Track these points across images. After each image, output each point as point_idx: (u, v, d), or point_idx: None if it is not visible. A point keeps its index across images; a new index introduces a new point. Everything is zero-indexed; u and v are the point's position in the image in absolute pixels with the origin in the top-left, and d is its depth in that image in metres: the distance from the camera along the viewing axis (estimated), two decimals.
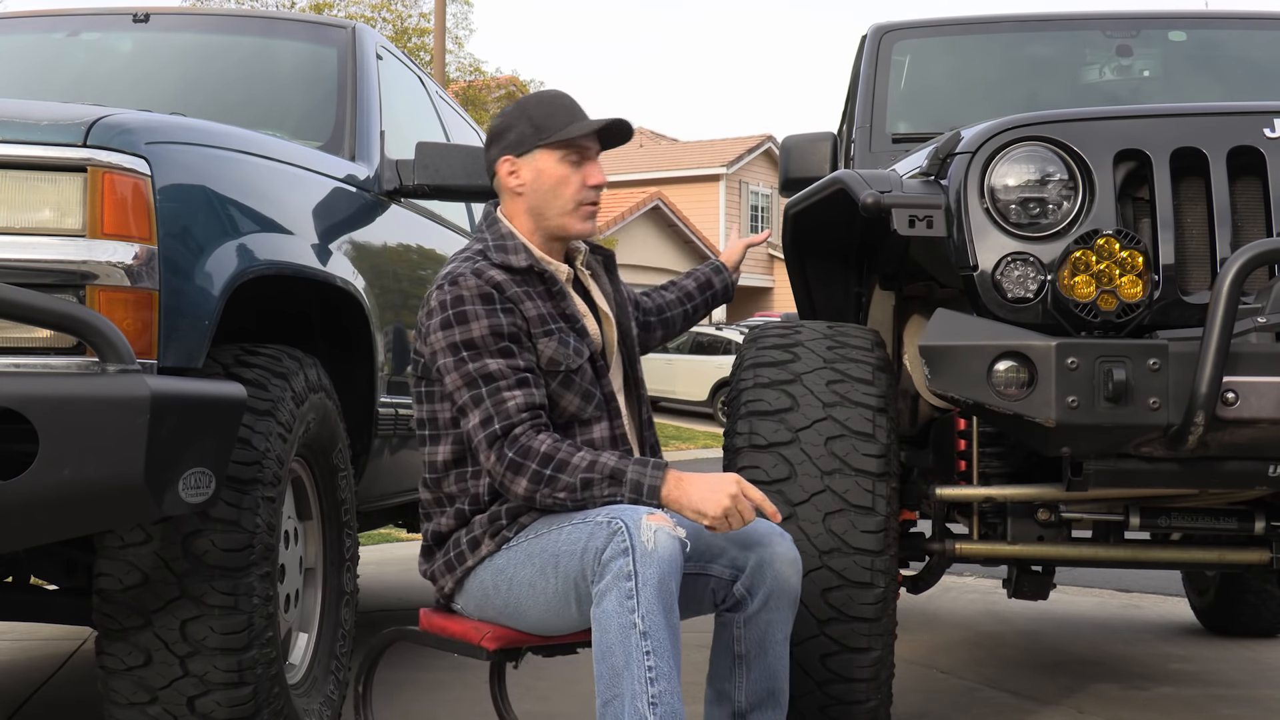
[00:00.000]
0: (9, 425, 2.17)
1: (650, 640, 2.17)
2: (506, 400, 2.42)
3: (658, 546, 2.20)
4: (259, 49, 4.13)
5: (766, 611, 2.44)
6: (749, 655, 2.46)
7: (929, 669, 4.45)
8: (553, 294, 2.57)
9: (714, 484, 2.34)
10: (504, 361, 2.44)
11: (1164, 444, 2.60)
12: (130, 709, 2.61)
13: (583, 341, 2.55)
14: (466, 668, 3.98)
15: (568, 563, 2.33)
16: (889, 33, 4.40)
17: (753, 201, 34.42)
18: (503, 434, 2.41)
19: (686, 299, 3.14)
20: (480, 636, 2.50)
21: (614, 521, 2.25)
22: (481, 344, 2.45)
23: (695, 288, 3.16)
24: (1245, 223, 2.71)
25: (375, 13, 21.92)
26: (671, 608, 2.21)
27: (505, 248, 2.57)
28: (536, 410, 2.44)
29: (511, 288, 2.50)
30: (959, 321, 2.69)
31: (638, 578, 2.19)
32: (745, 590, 2.44)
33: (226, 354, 2.77)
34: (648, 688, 2.15)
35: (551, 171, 2.58)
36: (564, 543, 2.35)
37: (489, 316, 2.46)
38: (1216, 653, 4.93)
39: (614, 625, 2.19)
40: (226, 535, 2.58)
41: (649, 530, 2.22)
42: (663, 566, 2.20)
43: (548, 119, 2.58)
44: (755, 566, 2.43)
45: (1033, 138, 2.74)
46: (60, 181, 2.33)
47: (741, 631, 2.46)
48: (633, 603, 2.18)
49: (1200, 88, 4.26)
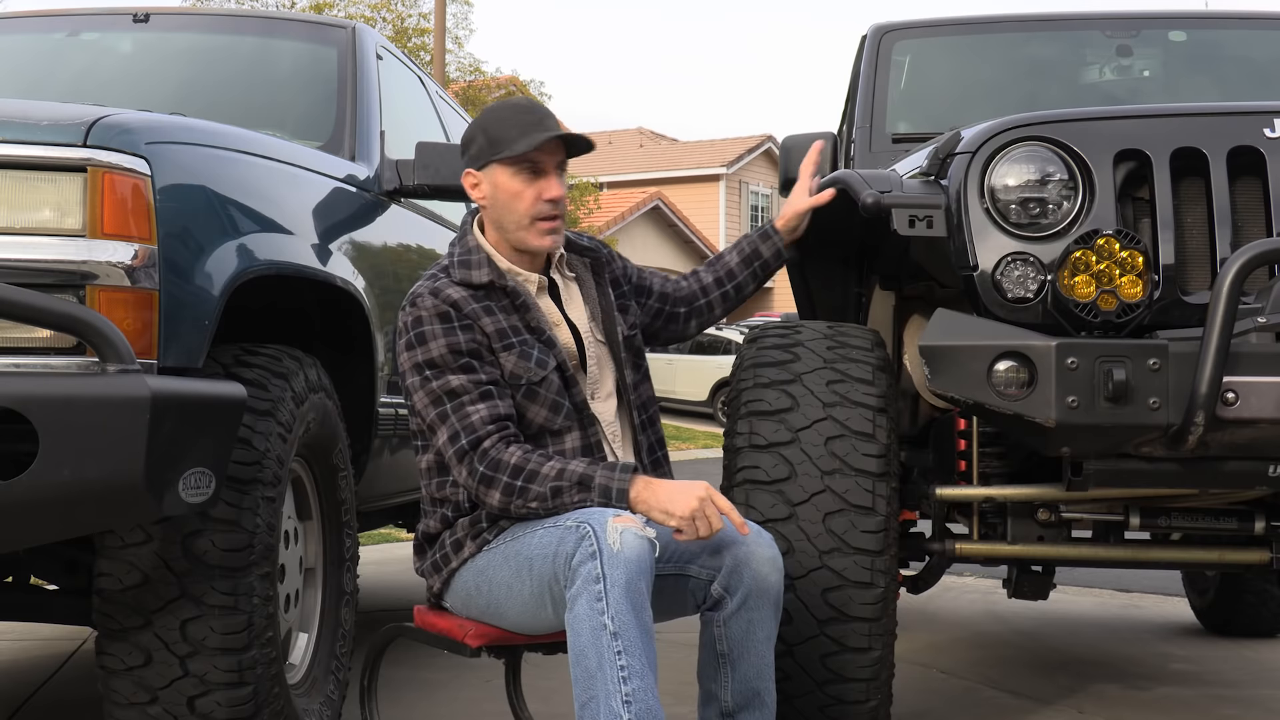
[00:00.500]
0: (9, 425, 2.17)
1: (621, 640, 2.19)
2: (471, 415, 2.47)
3: (624, 548, 2.23)
4: (259, 49, 4.13)
5: (746, 610, 2.44)
6: (731, 654, 2.46)
7: (929, 669, 4.44)
8: (516, 306, 2.58)
9: (683, 487, 2.37)
10: (466, 377, 2.49)
11: (1164, 444, 2.60)
12: (130, 709, 2.61)
13: (549, 352, 2.56)
14: (466, 667, 3.98)
15: (540, 566, 2.37)
16: (889, 33, 4.40)
17: (753, 201, 34.42)
18: (471, 448, 2.46)
19: (728, 278, 3.01)
20: (464, 634, 2.56)
21: (582, 526, 2.29)
22: (442, 362, 2.51)
23: (739, 262, 3.02)
24: (1245, 223, 2.71)
25: (375, 13, 21.92)
26: (642, 606, 2.23)
27: (469, 263, 2.60)
28: (503, 422, 2.48)
29: (469, 304, 2.53)
30: (959, 321, 2.69)
31: (606, 580, 2.21)
32: (723, 589, 2.44)
33: (226, 354, 2.77)
34: (621, 687, 2.18)
35: (506, 185, 2.58)
36: (536, 546, 2.39)
37: (446, 335, 2.51)
38: (1216, 653, 4.93)
39: (585, 628, 2.22)
40: (226, 535, 2.58)
41: (615, 532, 2.24)
42: (630, 567, 2.22)
43: (502, 132, 2.57)
44: (732, 566, 2.43)
45: (1033, 138, 2.74)
46: (60, 181, 2.33)
47: (723, 630, 2.46)
48: (602, 604, 2.21)
49: (1200, 88, 4.26)
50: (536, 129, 2.55)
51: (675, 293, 2.95)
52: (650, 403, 2.76)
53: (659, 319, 2.92)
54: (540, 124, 2.56)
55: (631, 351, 2.75)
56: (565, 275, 2.71)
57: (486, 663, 2.85)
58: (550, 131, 2.54)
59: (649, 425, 2.74)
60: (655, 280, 2.93)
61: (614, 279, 2.80)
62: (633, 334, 2.77)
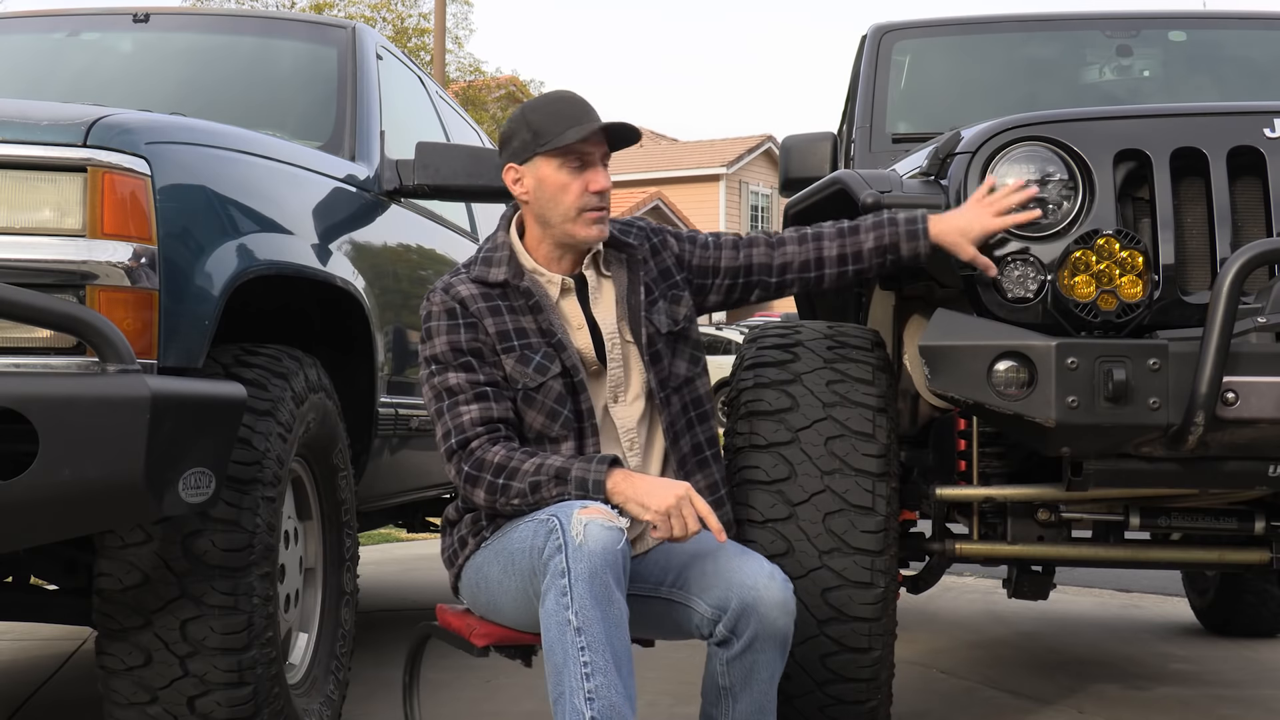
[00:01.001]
0: (9, 425, 2.17)
1: (585, 635, 2.16)
2: (462, 415, 2.48)
3: (587, 539, 2.20)
4: (259, 49, 4.13)
5: (752, 653, 2.39)
6: (733, 689, 2.42)
7: (929, 669, 4.44)
8: (530, 307, 2.55)
9: (663, 483, 2.36)
10: (464, 376, 2.50)
11: (1164, 444, 2.60)
12: (130, 709, 2.61)
13: (555, 358, 2.53)
14: (467, 667, 3.98)
15: (521, 561, 2.36)
16: (889, 33, 4.40)
17: (753, 201, 34.44)
18: (459, 447, 2.47)
19: (854, 259, 2.75)
20: (470, 633, 2.56)
21: (550, 519, 2.27)
22: (444, 359, 2.52)
23: (871, 248, 2.74)
24: (1245, 223, 2.71)
25: (375, 13, 21.93)
26: (607, 599, 2.19)
27: (490, 260, 2.59)
28: (495, 424, 2.48)
29: (476, 303, 2.53)
30: (959, 321, 2.69)
31: (570, 573, 2.19)
32: (729, 632, 2.38)
33: (226, 354, 2.77)
34: (584, 684, 2.15)
35: (552, 179, 2.54)
36: (516, 541, 2.39)
37: (449, 333, 2.52)
38: (1216, 653, 4.93)
39: (553, 623, 2.20)
40: (226, 535, 2.58)
41: (579, 524, 2.22)
42: (593, 560, 2.19)
43: (546, 125, 2.53)
44: (740, 609, 2.36)
45: (1033, 138, 2.74)
46: (60, 181, 2.33)
47: (726, 669, 2.41)
48: (566, 599, 2.18)
49: (1200, 88, 4.26)
50: (583, 120, 2.52)
51: (756, 260, 2.75)
52: (700, 400, 2.66)
53: (735, 292, 2.76)
54: (586, 115, 2.54)
55: (688, 344, 2.67)
56: (601, 273, 2.64)
57: (486, 663, 2.85)
58: (596, 122, 2.52)
59: (697, 424, 2.65)
60: (723, 255, 2.73)
61: (664, 268, 2.69)
62: (680, 327, 2.66)
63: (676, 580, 2.44)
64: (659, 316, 2.64)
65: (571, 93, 2.61)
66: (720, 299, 2.79)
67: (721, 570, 2.40)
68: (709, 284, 2.76)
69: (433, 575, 6.63)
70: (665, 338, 2.64)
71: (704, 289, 2.75)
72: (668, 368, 2.62)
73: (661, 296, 2.66)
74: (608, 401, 2.60)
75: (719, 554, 2.44)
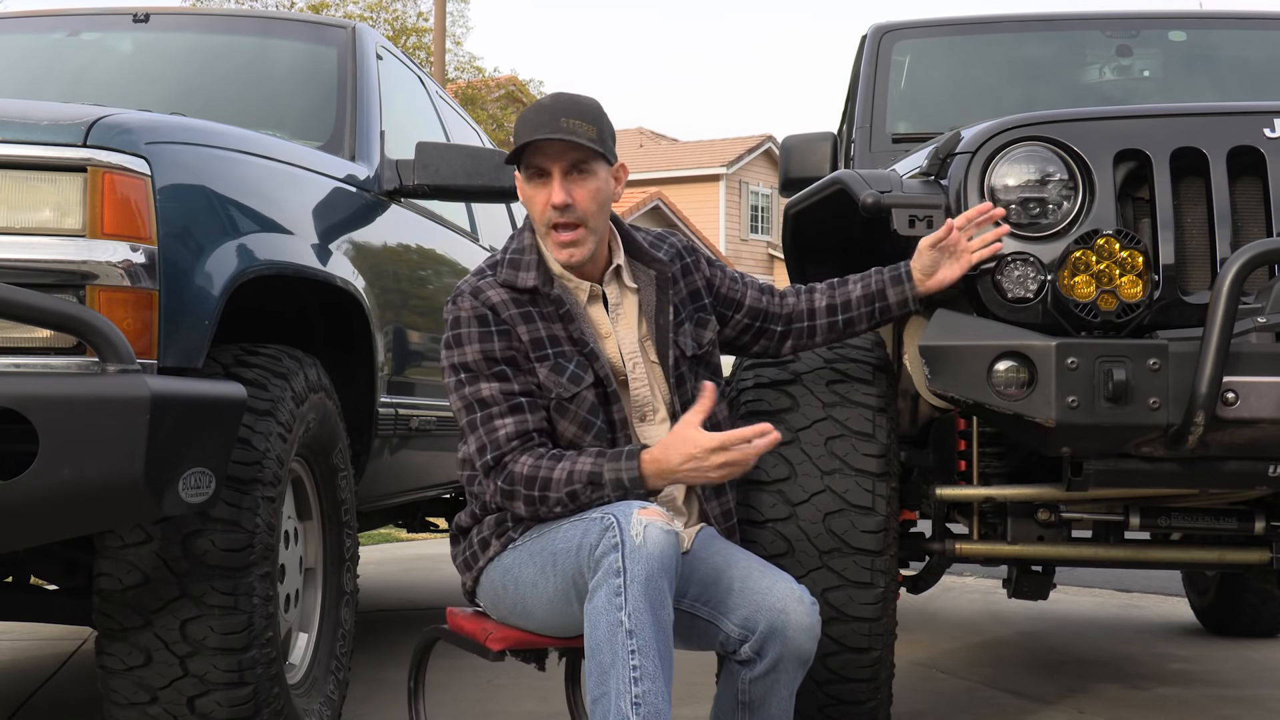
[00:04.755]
0: (9, 425, 2.17)
1: (636, 639, 2.14)
2: (498, 429, 2.42)
3: (646, 541, 2.18)
4: (259, 49, 4.13)
5: (775, 673, 2.38)
6: (752, 704, 2.42)
7: (929, 669, 4.45)
8: (560, 315, 2.49)
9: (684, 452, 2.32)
10: (498, 386, 2.44)
11: (1164, 444, 2.60)
12: (130, 709, 2.61)
13: (589, 367, 2.47)
14: (467, 667, 3.99)
15: (565, 560, 2.32)
16: (889, 33, 4.40)
17: (753, 201, 34.42)
18: (495, 463, 2.43)
19: (842, 308, 2.77)
20: (485, 637, 2.52)
21: (606, 517, 2.25)
22: (476, 368, 2.45)
23: (860, 296, 2.76)
24: (1245, 223, 2.71)
25: (373, 12, 21.93)
26: (661, 604, 2.18)
27: (517, 263, 2.50)
28: (529, 435, 2.43)
29: (509, 309, 2.46)
30: (959, 321, 2.69)
31: (626, 574, 2.17)
32: (754, 653, 2.38)
33: (226, 354, 2.76)
34: (632, 687, 2.12)
35: (523, 190, 2.51)
36: (561, 541, 2.35)
37: (482, 341, 2.45)
38: (1216, 653, 4.93)
39: (603, 622, 2.17)
40: (226, 535, 2.58)
41: (639, 525, 2.20)
42: (650, 563, 2.17)
43: (517, 132, 2.46)
44: (768, 632, 2.35)
45: (1033, 138, 2.74)
46: (60, 181, 2.33)
47: (747, 686, 2.41)
48: (620, 599, 2.16)
49: (1200, 88, 4.27)
50: (542, 129, 2.40)
51: (771, 308, 2.76)
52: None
53: (747, 334, 2.76)
54: (547, 123, 2.39)
55: (708, 369, 2.63)
56: (624, 286, 2.58)
57: (486, 663, 2.84)
58: (540, 133, 2.39)
59: None
60: (749, 293, 2.74)
61: (694, 290, 2.65)
62: (704, 350, 2.63)
63: (701, 595, 2.41)
64: (685, 339, 2.60)
65: (555, 97, 2.48)
66: (733, 335, 2.76)
67: (750, 590, 2.38)
68: (729, 316, 2.74)
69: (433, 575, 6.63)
70: (689, 360, 2.60)
71: (723, 320, 2.73)
72: (690, 391, 2.58)
73: (688, 319, 2.62)
74: (634, 420, 2.55)
75: (747, 570, 2.42)
